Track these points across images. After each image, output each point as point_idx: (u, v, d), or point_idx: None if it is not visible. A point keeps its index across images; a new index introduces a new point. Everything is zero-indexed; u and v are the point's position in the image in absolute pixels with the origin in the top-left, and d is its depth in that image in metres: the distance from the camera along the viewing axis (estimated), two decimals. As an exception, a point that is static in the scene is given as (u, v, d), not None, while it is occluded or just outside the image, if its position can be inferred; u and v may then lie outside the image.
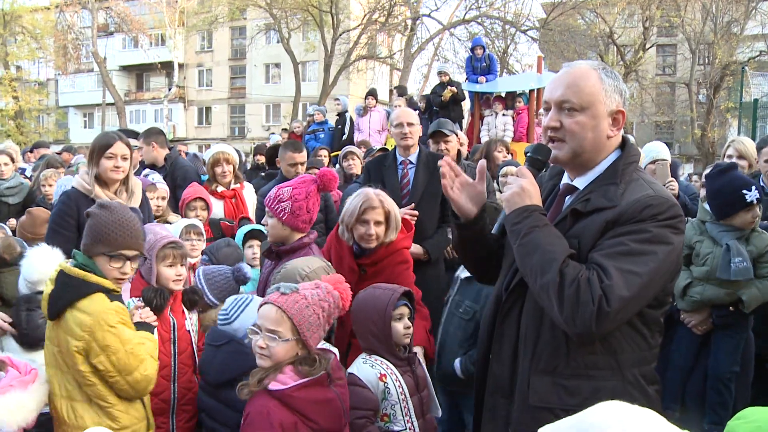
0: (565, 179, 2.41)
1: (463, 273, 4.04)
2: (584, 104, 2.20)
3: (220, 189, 5.82)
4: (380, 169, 5.16)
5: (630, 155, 2.28)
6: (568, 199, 2.36)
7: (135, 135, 6.84)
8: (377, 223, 3.76)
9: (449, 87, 11.74)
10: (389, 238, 3.81)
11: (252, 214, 5.84)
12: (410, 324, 3.29)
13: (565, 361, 2.19)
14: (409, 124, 5.09)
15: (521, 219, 2.20)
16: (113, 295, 2.97)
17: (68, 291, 2.88)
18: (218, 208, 5.69)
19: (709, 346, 4.37)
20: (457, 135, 5.99)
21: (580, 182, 2.32)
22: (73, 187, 4.38)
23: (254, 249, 4.80)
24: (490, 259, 2.60)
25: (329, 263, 3.53)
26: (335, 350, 3.05)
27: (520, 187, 2.25)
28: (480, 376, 2.53)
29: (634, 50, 29.65)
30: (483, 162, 2.53)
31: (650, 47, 30.68)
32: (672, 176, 5.62)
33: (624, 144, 2.33)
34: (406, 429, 3.11)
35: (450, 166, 2.47)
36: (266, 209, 3.74)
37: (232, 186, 5.93)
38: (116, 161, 4.31)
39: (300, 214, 3.65)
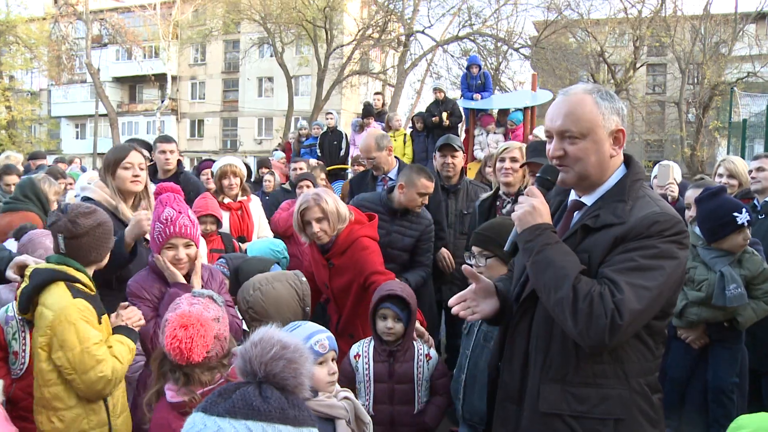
0: (573, 195, 2.51)
1: None
2: (584, 131, 2.30)
3: (226, 201, 5.84)
4: (361, 185, 5.44)
5: (636, 173, 2.38)
6: (576, 215, 2.45)
7: (148, 146, 6.71)
8: (318, 219, 4.11)
9: (445, 113, 11.96)
10: (337, 228, 4.16)
11: (257, 227, 5.89)
12: (393, 325, 3.62)
13: (574, 369, 2.28)
14: (369, 159, 5.79)
15: (533, 237, 2.30)
16: (86, 294, 3.06)
17: (35, 279, 3.03)
18: (224, 220, 5.70)
19: (706, 359, 4.45)
20: (464, 152, 6.15)
21: (588, 199, 2.42)
22: (91, 199, 4.12)
23: None
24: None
25: None
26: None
27: (531, 206, 2.35)
28: (491, 384, 2.64)
29: (625, 69, 30.07)
30: (466, 267, 2.56)
31: (640, 66, 31.08)
32: (679, 195, 5.74)
33: (629, 161, 2.43)
34: (367, 407, 3.50)
35: (458, 303, 2.56)
36: (185, 239, 3.51)
37: (239, 198, 5.94)
38: (134, 170, 4.22)
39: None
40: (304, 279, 3.74)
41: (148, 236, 3.70)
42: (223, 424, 1.55)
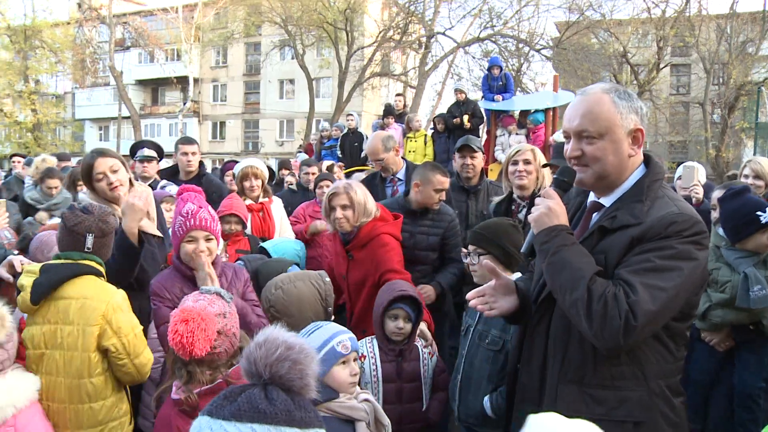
0: (592, 196, 2.49)
1: None
2: (602, 131, 2.29)
3: (248, 202, 5.84)
4: (371, 187, 5.42)
5: (655, 173, 2.36)
6: (595, 216, 2.44)
7: (158, 147, 6.76)
8: (343, 206, 4.28)
9: (466, 115, 11.95)
10: (360, 221, 4.29)
11: (278, 229, 5.89)
12: (404, 326, 3.64)
13: (592, 371, 2.27)
14: (377, 161, 5.93)
15: (549, 238, 2.29)
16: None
17: (54, 273, 3.13)
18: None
19: (732, 362, 4.38)
20: (483, 153, 6.16)
21: (607, 200, 2.40)
22: None
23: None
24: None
25: None
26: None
27: (548, 208, 2.34)
28: (510, 386, 2.63)
29: (648, 70, 29.72)
30: (488, 263, 2.59)
31: (664, 67, 30.68)
32: (704, 197, 5.66)
33: (649, 160, 2.41)
34: None
35: (476, 297, 2.58)
36: (205, 233, 3.47)
37: (260, 200, 5.95)
38: (108, 179, 4.05)
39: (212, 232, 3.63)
40: (328, 279, 3.76)
41: (155, 231, 3.73)
42: (229, 428, 1.55)
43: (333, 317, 3.69)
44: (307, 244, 5.69)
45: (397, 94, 15.65)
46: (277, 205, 6.09)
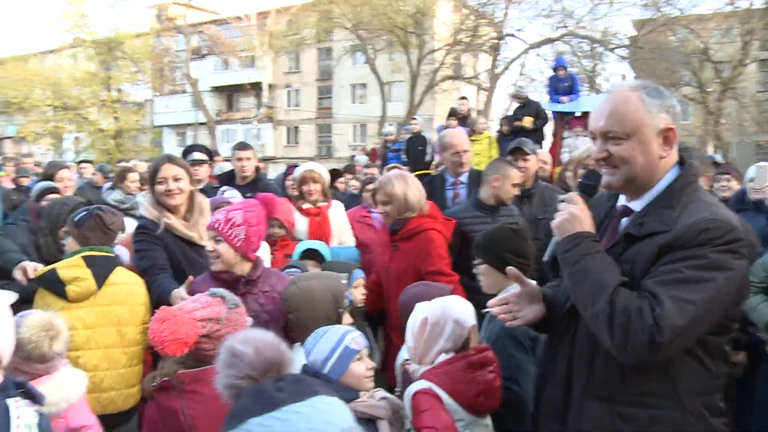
0: (622, 201, 2.35)
1: None
2: (629, 131, 2.16)
3: (306, 206, 5.84)
4: (430, 188, 5.42)
5: (689, 175, 2.21)
6: (624, 222, 2.29)
7: (207, 151, 6.85)
8: (383, 202, 4.43)
9: (528, 117, 11.76)
10: (405, 215, 4.36)
11: (338, 234, 5.84)
12: None
13: (621, 387, 2.13)
14: (464, 152, 5.81)
15: (572, 246, 2.17)
16: None
17: (104, 265, 3.69)
18: (303, 225, 5.71)
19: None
20: (537, 155, 6.10)
21: (636, 204, 2.26)
22: (143, 217, 4.21)
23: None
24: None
25: None
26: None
27: (570, 214, 2.22)
28: (537, 400, 2.51)
29: (732, 66, 28.33)
30: (511, 269, 2.44)
31: (751, 63, 29.22)
32: None
33: (683, 162, 2.25)
34: None
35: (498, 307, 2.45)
36: (213, 233, 3.56)
37: (319, 204, 5.91)
38: (167, 185, 4.07)
39: (252, 241, 3.57)
40: (345, 282, 3.68)
41: (205, 243, 3.72)
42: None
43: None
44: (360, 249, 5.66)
45: (461, 98, 15.50)
46: (337, 210, 6.03)
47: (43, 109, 38.86)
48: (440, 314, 2.94)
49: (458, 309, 2.98)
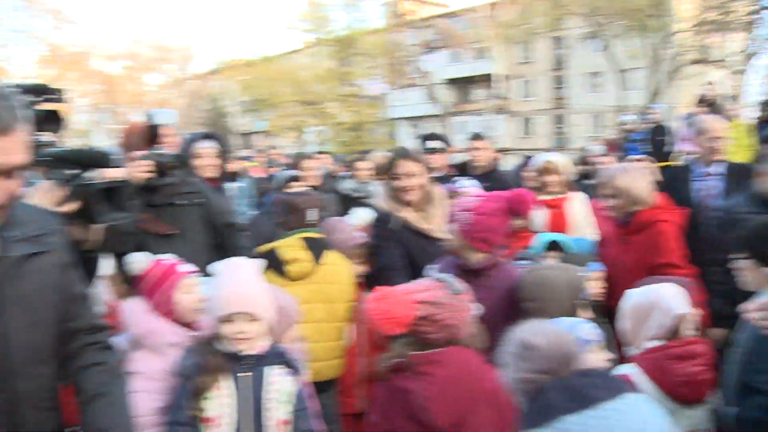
0: None
1: None
2: None
3: (544, 197, 5.66)
4: (673, 178, 5.22)
5: None
6: None
7: (443, 139, 6.95)
8: (609, 195, 4.39)
9: None
10: (632, 208, 4.26)
11: (578, 226, 5.69)
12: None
13: None
14: (718, 138, 5.25)
15: None
16: None
17: (321, 244, 4.01)
18: (541, 218, 5.57)
19: None
20: None
21: None
22: (378, 208, 4.32)
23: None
24: None
25: None
26: None
27: None
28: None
29: None
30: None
31: None
32: None
33: None
34: None
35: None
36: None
37: (558, 196, 5.77)
38: (402, 181, 4.12)
39: (476, 230, 3.44)
40: (583, 274, 3.53)
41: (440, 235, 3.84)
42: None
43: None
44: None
45: (708, 83, 14.22)
46: (575, 201, 5.87)
47: (288, 105, 42.22)
48: (644, 300, 2.94)
49: (665, 296, 2.90)
